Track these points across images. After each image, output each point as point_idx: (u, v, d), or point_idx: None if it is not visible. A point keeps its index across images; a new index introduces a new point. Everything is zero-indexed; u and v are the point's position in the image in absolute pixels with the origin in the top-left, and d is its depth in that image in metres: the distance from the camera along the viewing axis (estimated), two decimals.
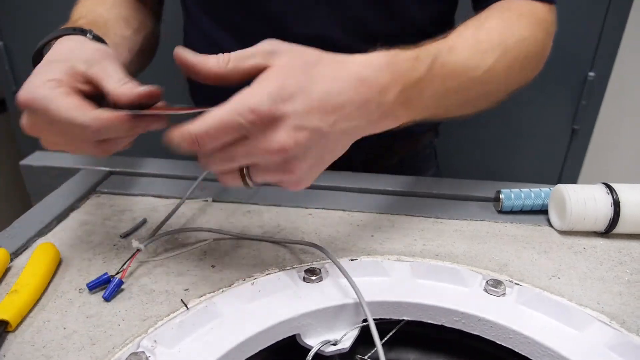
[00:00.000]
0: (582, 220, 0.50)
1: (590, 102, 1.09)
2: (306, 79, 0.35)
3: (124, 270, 0.44)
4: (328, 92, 0.36)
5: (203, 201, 0.57)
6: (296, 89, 0.35)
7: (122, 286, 0.43)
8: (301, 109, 0.35)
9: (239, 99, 0.34)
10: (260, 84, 0.35)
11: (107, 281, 0.43)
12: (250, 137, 0.35)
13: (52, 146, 0.41)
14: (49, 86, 0.38)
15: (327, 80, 0.36)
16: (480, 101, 0.50)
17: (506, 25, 0.51)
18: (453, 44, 0.45)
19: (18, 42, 1.24)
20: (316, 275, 0.43)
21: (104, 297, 0.42)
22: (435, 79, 0.43)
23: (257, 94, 0.34)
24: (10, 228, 0.51)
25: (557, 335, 0.38)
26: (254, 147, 0.35)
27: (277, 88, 0.34)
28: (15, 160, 1.27)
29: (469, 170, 1.22)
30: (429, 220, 0.54)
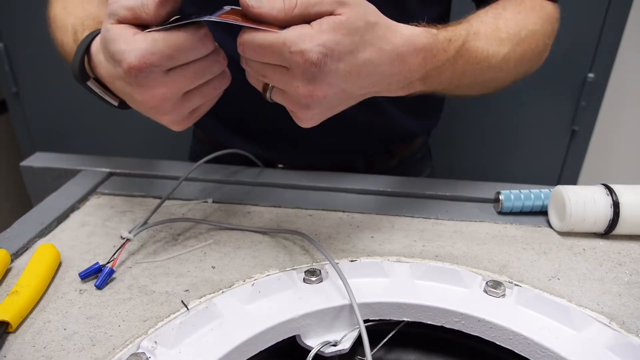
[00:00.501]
0: (582, 222, 0.50)
1: (590, 103, 1.10)
2: (359, 42, 0.37)
3: (115, 260, 0.45)
4: (371, 60, 0.38)
5: (203, 202, 0.57)
6: (348, 50, 0.36)
7: (123, 287, 0.43)
8: (342, 71, 0.37)
9: (297, 35, 0.35)
10: (321, 31, 0.35)
11: (98, 270, 0.44)
12: (290, 71, 0.36)
13: (179, 118, 0.41)
14: (143, 35, 0.36)
15: (375, 49, 0.38)
16: (489, 86, 0.52)
17: (521, 17, 0.53)
18: (477, 29, 0.47)
19: (18, 43, 1.25)
20: (316, 276, 0.43)
21: (96, 285, 0.43)
22: (458, 61, 0.45)
23: (314, 39, 0.35)
24: (10, 229, 0.51)
25: (556, 336, 0.38)
26: (288, 81, 0.37)
27: (332, 43, 0.35)
28: (15, 161, 1.27)
29: (469, 171, 1.22)
30: (429, 221, 0.54)
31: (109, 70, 0.40)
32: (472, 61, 0.47)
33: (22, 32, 1.23)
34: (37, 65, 1.26)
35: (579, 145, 1.15)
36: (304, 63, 0.35)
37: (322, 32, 0.35)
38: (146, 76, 0.37)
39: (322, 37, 0.35)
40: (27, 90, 1.30)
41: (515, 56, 0.51)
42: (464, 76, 0.47)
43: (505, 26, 0.51)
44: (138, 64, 0.36)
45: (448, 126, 1.17)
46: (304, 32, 0.35)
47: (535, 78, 1.08)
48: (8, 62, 1.26)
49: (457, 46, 0.44)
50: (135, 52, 0.36)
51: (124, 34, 0.37)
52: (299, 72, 0.36)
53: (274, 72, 0.37)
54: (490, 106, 1.14)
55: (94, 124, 1.32)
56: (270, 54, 0.36)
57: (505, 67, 0.50)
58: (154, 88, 0.38)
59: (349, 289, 0.40)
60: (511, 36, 0.50)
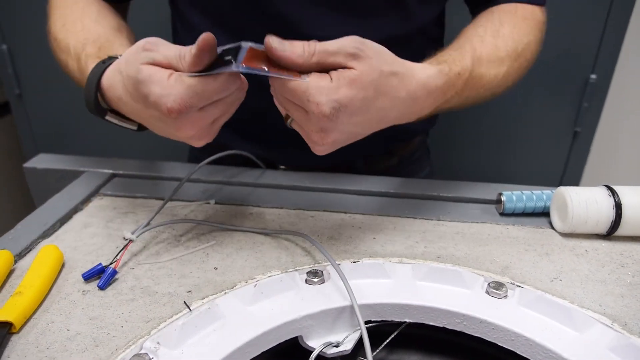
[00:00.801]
0: (584, 223, 0.50)
1: (592, 104, 1.10)
2: (373, 94, 0.39)
3: (117, 261, 0.45)
4: (383, 108, 0.41)
5: (205, 203, 0.57)
6: (361, 104, 0.39)
7: (126, 288, 0.43)
8: (354, 122, 0.40)
9: (315, 87, 0.37)
10: (338, 86, 0.38)
11: (101, 271, 0.44)
12: (307, 114, 0.39)
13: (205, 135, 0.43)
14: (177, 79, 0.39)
15: (389, 98, 0.41)
16: (485, 99, 0.55)
17: (516, 32, 0.56)
18: (480, 54, 0.51)
19: (21, 45, 1.25)
20: (318, 277, 0.43)
21: (99, 286, 0.43)
22: (465, 90, 0.49)
23: (329, 94, 0.38)
24: (13, 230, 0.51)
25: (558, 337, 0.38)
26: (304, 122, 0.40)
27: (346, 99, 0.38)
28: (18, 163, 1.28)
29: (471, 172, 1.22)
30: (431, 223, 0.54)
31: (137, 108, 0.42)
32: (476, 87, 0.51)
33: (25, 34, 1.24)
34: (39, 68, 1.27)
35: (581, 147, 1.15)
36: (318, 114, 0.38)
37: (338, 87, 0.38)
38: (184, 116, 0.39)
39: (337, 92, 0.38)
40: (30, 92, 1.30)
41: (513, 71, 0.55)
42: (468, 100, 0.51)
43: (504, 44, 0.54)
44: (178, 107, 0.38)
45: (451, 127, 1.17)
46: (322, 84, 0.38)
47: (537, 79, 1.09)
48: (11, 64, 1.27)
49: (464, 79, 0.48)
50: (174, 97, 0.38)
51: (158, 76, 0.39)
52: (314, 119, 0.39)
53: (295, 109, 0.40)
54: (492, 107, 1.14)
55: (96, 126, 1.31)
56: (291, 96, 0.39)
57: (503, 84, 0.55)
58: (191, 124, 0.40)
59: (349, 290, 0.40)
60: (510, 53, 0.54)
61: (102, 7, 0.62)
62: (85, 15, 0.58)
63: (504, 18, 0.58)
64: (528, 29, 0.58)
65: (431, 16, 0.65)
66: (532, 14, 0.60)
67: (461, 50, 0.51)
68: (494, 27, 0.56)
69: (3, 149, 1.49)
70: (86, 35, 0.54)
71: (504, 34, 0.55)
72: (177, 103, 0.38)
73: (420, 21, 0.63)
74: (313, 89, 0.37)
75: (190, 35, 0.65)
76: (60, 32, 0.57)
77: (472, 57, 0.50)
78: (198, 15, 0.63)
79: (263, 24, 0.60)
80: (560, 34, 1.05)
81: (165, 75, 0.39)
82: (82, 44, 0.53)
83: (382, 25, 0.60)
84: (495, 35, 0.55)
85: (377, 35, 0.57)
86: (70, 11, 0.59)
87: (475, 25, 0.58)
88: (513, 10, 0.60)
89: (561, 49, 1.06)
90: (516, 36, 0.56)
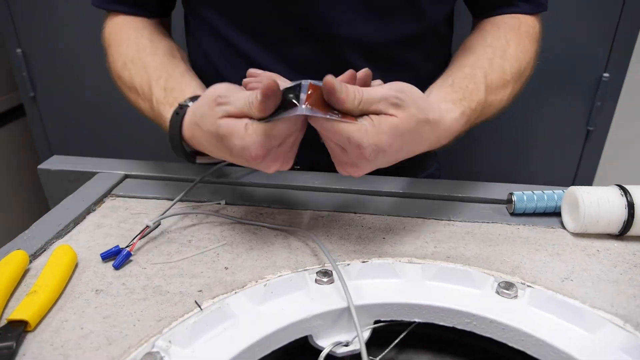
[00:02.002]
0: (596, 223, 0.50)
1: (605, 103, 1.08)
2: (408, 140, 0.43)
3: (133, 244, 0.49)
4: (413, 150, 0.46)
5: (216, 204, 0.58)
6: (397, 148, 0.43)
7: (138, 287, 0.44)
8: (386, 161, 0.44)
9: (358, 135, 0.40)
10: (380, 132, 0.41)
11: (117, 252, 0.48)
12: (345, 153, 0.42)
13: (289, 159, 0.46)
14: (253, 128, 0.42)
15: (420, 141, 0.45)
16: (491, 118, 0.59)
17: (520, 50, 0.60)
18: (491, 82, 0.55)
19: (36, 49, 1.27)
20: (327, 277, 0.44)
21: (114, 265, 0.47)
22: (476, 119, 0.53)
23: (371, 138, 0.40)
24: (29, 230, 0.52)
25: (569, 337, 0.38)
26: (339, 155, 0.43)
27: (386, 144, 0.41)
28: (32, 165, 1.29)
29: (482, 172, 1.21)
30: (441, 223, 0.54)
31: (223, 155, 0.46)
32: (486, 114, 0.55)
33: (39, 38, 1.26)
34: (53, 71, 1.29)
35: (594, 146, 1.14)
36: (357, 155, 0.41)
37: (379, 132, 0.41)
38: (267, 157, 0.43)
39: (379, 137, 0.41)
40: (44, 95, 1.32)
41: (515, 90, 0.59)
42: (478, 121, 0.55)
43: (510, 66, 0.58)
44: (261, 154, 0.42)
45: None
46: (366, 129, 0.40)
47: (550, 78, 1.08)
48: (26, 68, 1.29)
49: (479, 111, 0.52)
50: (255, 146, 0.42)
51: (236, 130, 0.42)
52: (351, 156, 0.42)
53: (334, 148, 0.43)
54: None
55: (108, 128, 1.33)
56: (334, 139, 0.42)
57: (506, 104, 0.59)
58: (274, 160, 0.44)
59: (346, 290, 0.41)
60: (514, 75, 0.58)
61: (152, 32, 0.65)
62: (140, 51, 0.61)
63: (509, 36, 0.61)
64: (529, 45, 0.62)
65: (442, 15, 0.65)
66: (533, 27, 0.63)
67: (475, 80, 0.54)
68: (501, 48, 0.59)
69: (18, 150, 1.51)
70: (149, 74, 0.57)
71: (510, 55, 0.58)
72: (259, 150, 0.42)
73: (432, 20, 0.63)
74: (357, 132, 0.40)
75: (208, 35, 0.66)
76: (122, 71, 0.61)
77: (485, 87, 0.53)
78: (216, 15, 0.63)
79: (282, 23, 0.60)
80: (573, 32, 1.04)
81: (242, 127, 0.42)
82: (148, 84, 0.57)
83: (398, 24, 0.61)
84: (503, 57, 0.58)
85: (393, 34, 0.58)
86: (126, 48, 0.62)
87: (484, 44, 0.60)
88: (517, 25, 0.62)
89: (574, 47, 1.06)
90: (520, 54, 0.59)
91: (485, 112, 0.54)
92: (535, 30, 0.64)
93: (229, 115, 0.43)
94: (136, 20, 0.66)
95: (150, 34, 0.64)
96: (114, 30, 0.65)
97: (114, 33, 0.65)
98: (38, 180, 0.67)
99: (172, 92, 0.54)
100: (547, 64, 1.06)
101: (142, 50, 0.61)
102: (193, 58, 0.69)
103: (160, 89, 0.55)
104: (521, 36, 0.61)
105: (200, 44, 0.68)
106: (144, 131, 1.28)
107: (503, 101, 0.57)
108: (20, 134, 1.50)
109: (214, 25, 0.64)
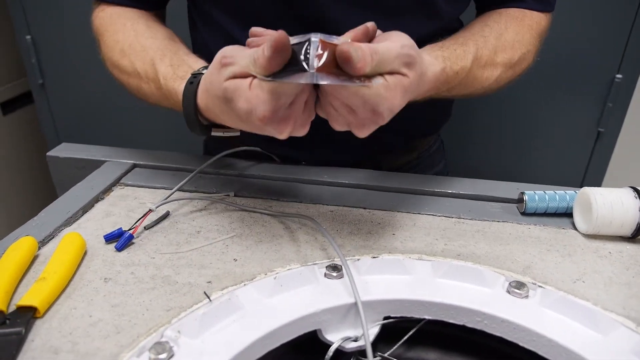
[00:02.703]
0: (609, 224, 0.49)
1: (617, 104, 1.07)
2: (412, 95, 0.43)
3: (136, 227, 0.50)
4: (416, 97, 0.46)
5: (225, 196, 0.58)
6: (404, 102, 0.42)
7: (147, 277, 0.44)
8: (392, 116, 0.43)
9: (375, 99, 0.39)
10: (394, 96, 0.40)
11: (120, 234, 0.48)
12: (356, 114, 0.41)
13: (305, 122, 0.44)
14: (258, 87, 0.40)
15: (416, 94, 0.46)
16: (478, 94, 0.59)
17: (518, 40, 0.59)
18: (480, 56, 0.55)
19: (46, 36, 1.27)
20: (337, 271, 0.43)
21: (116, 247, 0.47)
22: (456, 87, 0.53)
23: (386, 102, 0.40)
24: (37, 217, 0.52)
25: (581, 339, 0.38)
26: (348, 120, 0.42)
27: (398, 106, 0.41)
28: (40, 152, 1.30)
29: (492, 171, 1.21)
30: (451, 220, 0.54)
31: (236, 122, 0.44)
32: (467, 86, 0.55)
33: (49, 25, 1.25)
34: (62, 58, 1.28)
35: (605, 147, 1.13)
36: (370, 117, 0.41)
37: (395, 95, 0.40)
38: (277, 117, 0.41)
39: (393, 100, 0.40)
40: (52, 82, 1.32)
41: (505, 78, 0.59)
42: (459, 93, 0.56)
43: (503, 50, 0.57)
44: (269, 115, 0.40)
45: (471, 124, 1.16)
46: (381, 92, 0.39)
47: (562, 77, 1.07)
48: (35, 54, 1.28)
49: (460, 78, 0.52)
50: (261, 106, 0.39)
51: (240, 90, 0.40)
52: (362, 117, 0.41)
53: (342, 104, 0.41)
54: (515, 104, 1.13)
55: (116, 117, 1.33)
56: (346, 98, 0.40)
57: (494, 87, 0.59)
58: (285, 121, 0.41)
59: (354, 287, 0.40)
60: (505, 60, 0.58)
61: (148, 19, 0.63)
62: (139, 35, 0.59)
63: (510, 23, 0.60)
64: (530, 39, 0.61)
65: (457, 14, 0.65)
66: (538, 23, 0.62)
67: (465, 47, 0.53)
68: (499, 30, 0.58)
69: (26, 137, 1.51)
70: (151, 55, 0.55)
71: (505, 40, 0.58)
72: (266, 110, 0.39)
73: (446, 20, 0.62)
74: (374, 96, 0.39)
75: (214, 34, 0.65)
76: (121, 59, 0.59)
77: (473, 58, 0.53)
78: (223, 16, 0.62)
79: (291, 24, 0.59)
80: (586, 32, 1.03)
81: (246, 86, 0.40)
82: (151, 65, 0.55)
83: (411, 24, 0.59)
84: (498, 38, 0.57)
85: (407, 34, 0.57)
86: (123, 35, 0.60)
87: (482, 24, 0.60)
88: (520, 16, 0.62)
89: (587, 47, 1.05)
90: (517, 45, 0.59)
91: (467, 84, 0.54)
92: (540, 26, 0.63)
93: (235, 77, 0.41)
94: (131, 10, 0.63)
95: (147, 22, 0.62)
96: (106, 20, 0.63)
97: (107, 23, 0.62)
98: (45, 167, 0.66)
99: (181, 67, 0.52)
100: (559, 63, 1.06)
101: (140, 35, 0.59)
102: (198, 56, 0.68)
103: (167, 66, 0.53)
104: (522, 27, 0.60)
105: (207, 44, 0.66)
106: (152, 121, 1.28)
107: (489, 80, 0.57)
108: (28, 121, 1.51)
109: (222, 25, 0.63)
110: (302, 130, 0.43)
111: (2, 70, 1.40)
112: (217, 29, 0.63)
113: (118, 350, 0.36)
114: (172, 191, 0.56)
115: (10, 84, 1.43)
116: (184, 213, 0.54)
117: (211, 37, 0.65)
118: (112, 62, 0.60)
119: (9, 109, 1.44)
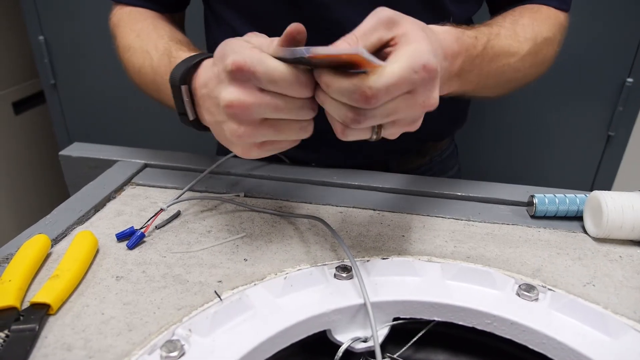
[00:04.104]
0: (619, 228, 0.49)
1: (627, 108, 1.07)
2: (433, 40, 0.39)
3: (147, 226, 0.50)
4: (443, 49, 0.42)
5: (235, 196, 0.58)
6: (436, 46, 0.38)
7: (158, 275, 0.44)
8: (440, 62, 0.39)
9: (410, 58, 0.35)
10: (417, 44, 0.36)
11: (132, 233, 0.49)
12: (415, 92, 0.36)
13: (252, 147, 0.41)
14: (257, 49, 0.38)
15: (437, 43, 0.40)
16: (505, 86, 0.56)
17: (537, 24, 0.57)
18: (498, 31, 0.52)
19: (58, 37, 1.28)
20: (347, 272, 0.44)
21: (128, 245, 0.48)
22: (485, 58, 0.49)
23: (421, 51, 0.35)
24: (50, 216, 0.53)
25: (591, 342, 0.38)
26: (415, 102, 0.37)
27: (430, 45, 0.36)
28: (52, 151, 1.31)
29: (501, 174, 1.21)
30: (461, 223, 0.54)
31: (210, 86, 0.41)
32: (496, 59, 0.50)
33: (62, 25, 1.27)
34: (75, 59, 1.30)
35: (615, 151, 1.12)
36: (428, 75, 0.36)
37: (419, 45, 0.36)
38: (242, 79, 0.38)
39: (423, 46, 0.36)
40: (65, 83, 1.34)
41: (531, 58, 0.55)
42: (489, 75, 0.51)
43: (523, 31, 0.55)
44: (242, 64, 0.37)
45: (482, 127, 1.16)
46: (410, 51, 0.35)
47: (572, 80, 1.07)
48: (47, 55, 1.30)
49: (483, 43, 0.48)
50: (244, 55, 0.37)
51: (240, 45, 0.39)
52: (424, 87, 0.36)
53: (400, 103, 0.37)
54: (525, 107, 1.12)
55: (127, 117, 1.34)
56: (401, 84, 0.35)
57: (522, 67, 0.54)
58: (243, 92, 0.38)
59: (363, 288, 0.41)
60: (528, 40, 0.54)
61: (167, 22, 0.64)
62: (158, 26, 0.59)
63: (524, 12, 0.58)
64: (549, 26, 0.58)
65: (466, 16, 0.64)
66: (555, 16, 0.61)
67: (478, 25, 0.52)
68: (513, 17, 0.57)
69: (38, 137, 1.53)
70: (169, 35, 0.56)
71: (522, 23, 0.55)
72: (243, 61, 0.37)
73: (455, 22, 0.62)
74: (411, 59, 0.35)
75: (226, 35, 0.65)
76: (135, 41, 0.58)
77: (490, 30, 0.50)
78: (234, 16, 0.63)
79: (299, 23, 0.60)
80: (597, 36, 1.03)
81: (248, 46, 0.39)
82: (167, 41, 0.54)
83: None
84: (514, 23, 0.55)
85: None
86: (142, 25, 0.60)
87: (495, 17, 0.59)
88: (536, 8, 0.60)
89: (598, 51, 1.04)
90: (536, 28, 0.55)
91: (494, 55, 0.50)
92: (559, 19, 0.60)
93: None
94: (149, 12, 0.64)
95: (164, 23, 0.63)
96: (125, 15, 0.63)
97: (125, 17, 0.63)
98: (56, 166, 0.67)
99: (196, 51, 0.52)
100: (570, 67, 1.05)
101: (159, 27, 0.59)
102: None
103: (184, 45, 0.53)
104: (540, 16, 0.58)
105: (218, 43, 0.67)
106: (163, 122, 1.29)
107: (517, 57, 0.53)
108: (40, 121, 1.52)
109: (233, 25, 0.63)
110: (243, 145, 0.41)
111: (14, 70, 1.42)
112: (228, 29, 0.64)
113: (130, 347, 0.37)
114: (183, 191, 0.57)
115: (23, 84, 1.45)
116: (195, 213, 0.54)
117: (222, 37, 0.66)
118: (126, 45, 0.60)
119: (21, 108, 1.46)
